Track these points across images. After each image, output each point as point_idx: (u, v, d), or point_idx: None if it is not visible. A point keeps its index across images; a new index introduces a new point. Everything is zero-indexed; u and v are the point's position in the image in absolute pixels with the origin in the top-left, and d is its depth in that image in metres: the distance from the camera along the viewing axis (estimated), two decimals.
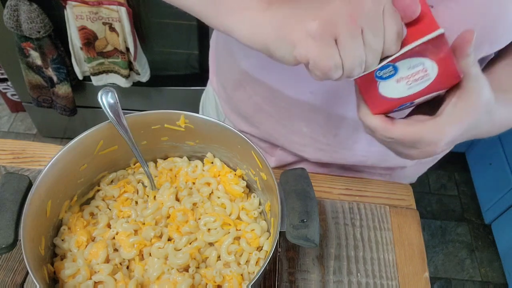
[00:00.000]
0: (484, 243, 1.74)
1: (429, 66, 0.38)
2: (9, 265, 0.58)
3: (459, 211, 1.83)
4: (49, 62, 1.34)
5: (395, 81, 0.39)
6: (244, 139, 0.55)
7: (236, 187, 0.61)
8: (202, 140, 0.61)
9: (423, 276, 0.62)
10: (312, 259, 0.63)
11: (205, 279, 0.52)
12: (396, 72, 0.38)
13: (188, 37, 1.38)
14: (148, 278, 0.52)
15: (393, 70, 0.38)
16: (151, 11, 1.29)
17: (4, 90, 1.79)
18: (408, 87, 0.39)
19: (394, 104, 0.41)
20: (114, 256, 0.53)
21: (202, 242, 0.55)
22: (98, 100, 0.53)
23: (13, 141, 0.72)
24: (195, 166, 0.64)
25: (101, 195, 0.60)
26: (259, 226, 0.57)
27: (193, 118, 0.58)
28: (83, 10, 1.20)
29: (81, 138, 0.54)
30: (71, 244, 0.54)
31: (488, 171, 1.74)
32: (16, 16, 1.21)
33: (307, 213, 0.49)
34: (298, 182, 0.52)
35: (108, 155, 0.58)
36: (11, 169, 0.68)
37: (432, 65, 0.38)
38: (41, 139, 1.85)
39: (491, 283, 1.64)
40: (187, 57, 1.45)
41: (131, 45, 1.29)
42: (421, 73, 0.39)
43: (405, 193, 0.72)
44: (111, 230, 0.55)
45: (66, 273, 0.50)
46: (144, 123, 0.58)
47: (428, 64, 0.38)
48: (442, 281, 1.64)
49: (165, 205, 0.58)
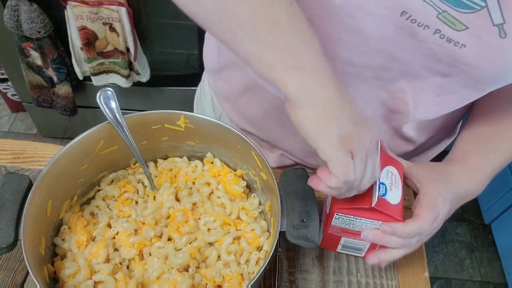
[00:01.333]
0: (484, 243, 1.74)
1: (393, 170, 0.52)
2: (9, 265, 0.58)
3: (459, 211, 1.83)
4: (50, 62, 1.34)
5: (390, 190, 0.50)
6: (244, 139, 0.55)
7: (236, 187, 0.61)
8: (202, 140, 0.61)
9: (423, 276, 0.62)
10: (312, 259, 0.63)
11: (205, 279, 0.52)
12: (384, 185, 0.50)
13: (188, 37, 1.38)
14: (148, 278, 0.52)
15: (383, 185, 0.50)
16: (151, 11, 1.29)
17: (5, 90, 1.79)
18: (396, 191, 0.51)
19: (400, 206, 0.51)
20: (114, 255, 0.53)
21: (202, 242, 0.55)
22: (97, 101, 0.53)
23: (13, 141, 0.72)
24: (195, 166, 0.64)
25: (102, 195, 0.60)
26: (259, 226, 0.57)
27: (193, 118, 0.58)
28: (83, 10, 1.20)
29: (81, 138, 0.54)
30: (71, 244, 0.54)
31: None
32: (16, 16, 1.21)
33: (307, 213, 0.49)
34: (298, 182, 0.53)
35: (108, 155, 0.58)
36: (11, 169, 0.68)
37: (393, 169, 0.52)
38: (41, 139, 1.86)
39: (491, 283, 1.64)
40: (187, 57, 1.45)
41: (131, 45, 1.29)
42: (394, 177, 0.51)
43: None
44: (112, 229, 0.55)
45: (66, 273, 0.50)
46: (144, 123, 0.58)
47: (391, 169, 0.52)
48: (442, 281, 1.64)
49: (165, 205, 0.58)
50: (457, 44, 0.43)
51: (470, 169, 0.56)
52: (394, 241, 0.51)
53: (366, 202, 0.49)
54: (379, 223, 0.51)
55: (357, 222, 0.52)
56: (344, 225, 0.53)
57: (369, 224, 0.51)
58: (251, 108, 0.67)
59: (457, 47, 0.43)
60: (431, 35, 0.43)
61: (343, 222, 0.53)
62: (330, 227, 0.55)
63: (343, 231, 0.55)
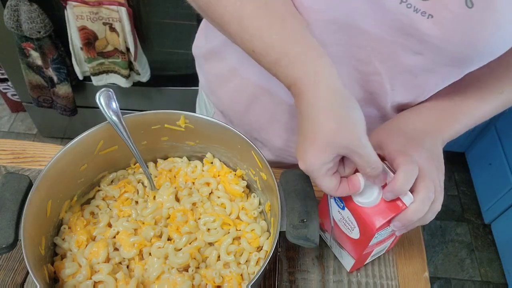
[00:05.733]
0: (484, 243, 1.74)
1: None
2: (9, 265, 0.58)
3: (459, 211, 1.83)
4: (50, 62, 1.34)
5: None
6: (244, 139, 0.55)
7: (236, 187, 0.61)
8: (202, 140, 0.61)
9: (423, 276, 0.63)
10: (312, 259, 0.63)
11: (205, 280, 0.52)
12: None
13: (188, 37, 1.37)
14: (148, 277, 0.52)
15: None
16: (151, 11, 1.29)
17: (5, 90, 1.79)
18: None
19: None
20: (114, 255, 0.53)
21: (201, 242, 0.55)
22: (96, 101, 0.53)
23: (13, 141, 0.72)
24: (194, 166, 0.64)
25: (102, 195, 0.60)
26: (259, 226, 0.57)
27: (193, 118, 0.58)
28: (83, 10, 1.20)
29: (81, 138, 0.54)
30: (71, 244, 0.54)
31: (488, 171, 1.74)
32: (17, 16, 1.21)
33: (307, 213, 0.49)
34: (298, 182, 0.52)
35: (108, 155, 0.58)
36: (11, 169, 0.68)
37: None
38: (41, 139, 1.86)
39: (490, 283, 1.64)
40: (187, 57, 1.45)
41: (131, 45, 1.29)
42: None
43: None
44: (112, 228, 0.55)
45: (66, 273, 0.50)
46: (144, 123, 0.58)
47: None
48: (442, 281, 1.64)
49: (165, 206, 0.58)
50: (424, 14, 0.42)
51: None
52: (418, 207, 0.47)
53: (397, 206, 0.47)
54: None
55: (388, 229, 0.50)
56: (380, 238, 0.52)
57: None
58: (239, 93, 0.66)
59: (424, 17, 0.42)
60: (398, 4, 0.43)
61: (380, 237, 0.51)
62: (367, 248, 0.53)
63: (377, 244, 0.54)
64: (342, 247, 0.58)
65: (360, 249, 0.53)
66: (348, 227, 0.52)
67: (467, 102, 0.56)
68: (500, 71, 0.55)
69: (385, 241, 0.55)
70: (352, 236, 0.52)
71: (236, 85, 0.65)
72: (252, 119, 0.68)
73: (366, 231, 0.49)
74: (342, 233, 0.54)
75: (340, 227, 0.54)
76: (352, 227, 0.51)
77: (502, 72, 0.55)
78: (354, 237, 0.52)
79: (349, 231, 0.52)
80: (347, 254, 0.57)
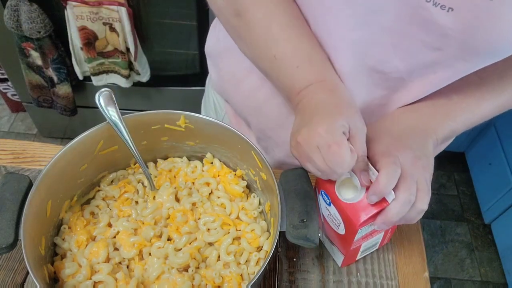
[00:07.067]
0: (484, 243, 1.74)
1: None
2: (9, 265, 0.58)
3: (459, 211, 1.83)
4: (50, 62, 1.34)
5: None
6: (244, 139, 0.55)
7: (236, 187, 0.61)
8: (202, 140, 0.61)
9: (423, 276, 0.63)
10: (312, 259, 0.63)
11: (205, 280, 0.52)
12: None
13: (188, 37, 1.38)
14: (148, 277, 0.52)
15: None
16: (151, 11, 1.29)
17: (5, 90, 1.79)
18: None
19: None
20: (114, 255, 0.53)
21: (201, 242, 0.55)
22: (96, 101, 0.53)
23: (13, 141, 0.72)
24: (194, 166, 0.64)
25: (102, 195, 0.60)
26: (259, 226, 0.57)
27: (193, 118, 0.58)
28: (83, 10, 1.20)
29: (81, 138, 0.54)
30: (71, 244, 0.54)
31: (488, 171, 1.74)
32: (17, 16, 1.21)
33: (307, 213, 0.49)
34: (298, 182, 0.52)
35: (108, 155, 0.58)
36: (11, 169, 0.68)
37: None
38: (41, 139, 1.86)
39: (490, 283, 1.64)
40: (187, 57, 1.45)
41: (131, 45, 1.29)
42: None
43: None
44: (112, 229, 0.55)
45: (66, 273, 0.50)
46: (144, 123, 0.58)
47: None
48: (442, 281, 1.64)
49: (165, 206, 0.58)
50: (444, 8, 0.42)
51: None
52: (398, 208, 0.47)
53: (380, 203, 0.48)
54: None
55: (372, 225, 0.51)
56: (364, 233, 0.52)
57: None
58: (254, 92, 0.67)
59: (444, 11, 0.42)
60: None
61: (364, 232, 0.52)
62: (353, 243, 0.54)
63: (363, 239, 0.54)
64: (332, 243, 0.59)
65: (347, 244, 0.55)
66: (335, 223, 0.53)
67: (466, 100, 0.56)
68: (504, 69, 0.55)
69: (372, 236, 0.55)
70: (339, 232, 0.54)
71: (252, 83, 0.65)
72: (269, 116, 0.68)
73: (350, 227, 0.51)
74: (331, 229, 0.55)
75: (329, 223, 0.55)
76: (338, 223, 0.53)
77: (504, 71, 0.55)
78: (340, 232, 0.54)
79: (336, 227, 0.54)
80: (337, 249, 0.58)
